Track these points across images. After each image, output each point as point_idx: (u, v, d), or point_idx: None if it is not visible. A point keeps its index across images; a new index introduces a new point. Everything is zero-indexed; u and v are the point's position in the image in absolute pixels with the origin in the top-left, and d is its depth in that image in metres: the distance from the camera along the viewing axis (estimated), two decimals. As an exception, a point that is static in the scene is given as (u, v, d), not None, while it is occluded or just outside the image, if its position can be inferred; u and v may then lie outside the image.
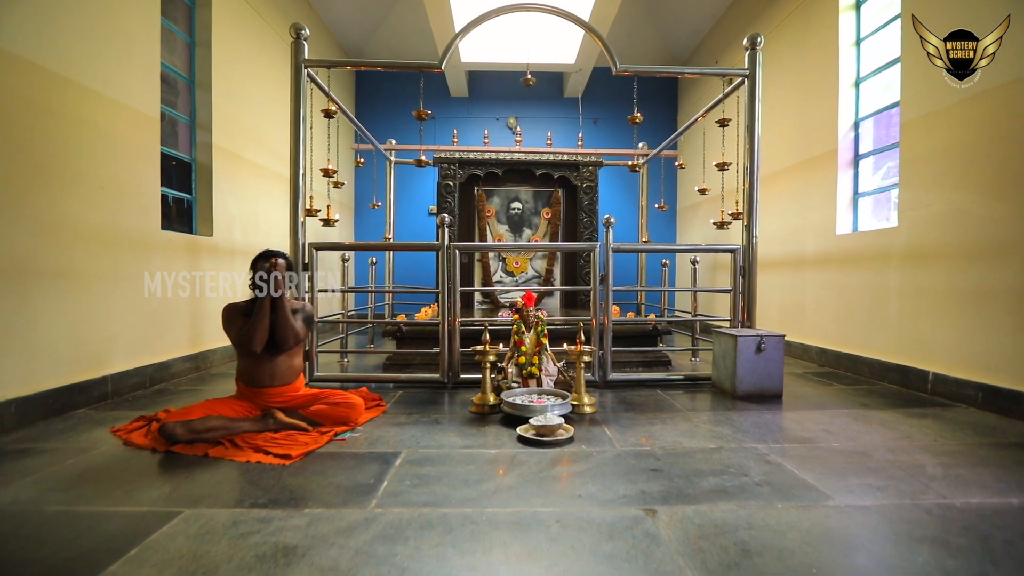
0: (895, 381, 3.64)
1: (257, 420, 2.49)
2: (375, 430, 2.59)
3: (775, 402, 3.20)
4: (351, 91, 8.21)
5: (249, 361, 2.56)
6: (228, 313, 2.57)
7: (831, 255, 4.39)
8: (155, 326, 3.56)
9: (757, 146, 3.67)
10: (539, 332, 3.30)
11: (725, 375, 3.40)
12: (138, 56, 3.41)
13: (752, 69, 3.66)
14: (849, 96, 4.34)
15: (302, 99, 3.55)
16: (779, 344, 3.30)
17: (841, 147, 4.34)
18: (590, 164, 6.11)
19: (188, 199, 4.19)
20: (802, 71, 4.84)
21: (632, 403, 3.17)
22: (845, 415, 2.88)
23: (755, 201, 3.69)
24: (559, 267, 6.19)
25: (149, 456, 2.19)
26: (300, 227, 3.56)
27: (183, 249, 3.87)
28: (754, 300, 3.72)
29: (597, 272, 3.62)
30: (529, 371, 3.21)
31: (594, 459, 2.17)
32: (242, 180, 4.68)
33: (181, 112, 4.16)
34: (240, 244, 4.60)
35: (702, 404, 3.15)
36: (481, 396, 3.00)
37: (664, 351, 4.40)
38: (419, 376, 3.66)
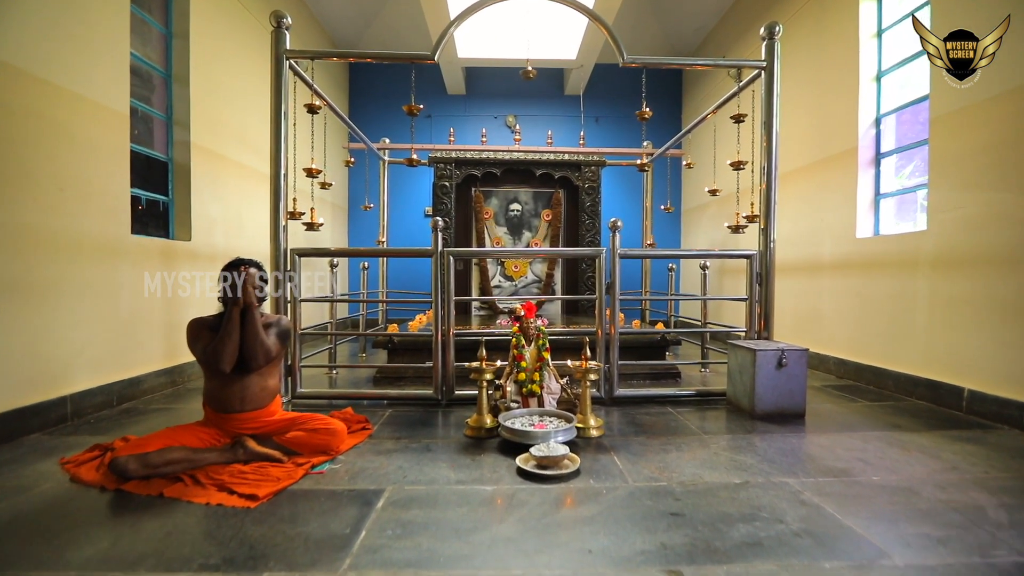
0: (924, 397, 3.37)
1: (225, 450, 2.22)
2: (358, 459, 2.32)
3: (798, 423, 2.93)
4: (344, 88, 7.94)
5: (216, 383, 2.29)
6: (194, 328, 2.31)
7: (850, 260, 4.12)
8: (125, 338, 3.29)
9: (775, 143, 3.40)
10: (540, 346, 3.03)
11: (742, 392, 3.14)
12: (104, 46, 3.13)
13: (770, 60, 3.39)
14: (870, 91, 4.07)
15: (284, 93, 3.28)
16: (802, 359, 3.03)
17: (861, 145, 4.08)
18: (592, 164, 5.84)
19: (164, 201, 3.92)
20: (818, 64, 4.57)
21: (642, 424, 2.91)
22: (878, 439, 2.62)
23: (773, 202, 3.42)
24: (560, 271, 5.92)
25: (96, 496, 1.92)
26: (282, 231, 3.30)
27: (157, 255, 3.60)
28: (772, 310, 3.45)
29: (602, 279, 3.35)
30: (529, 389, 2.94)
31: (605, 499, 1.90)
32: (224, 181, 4.41)
33: (156, 108, 3.89)
34: (222, 249, 4.32)
35: (718, 425, 2.89)
36: (477, 418, 2.73)
37: (674, 364, 4.13)
38: (411, 392, 3.39)
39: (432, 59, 3.35)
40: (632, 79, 8.10)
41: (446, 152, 5.67)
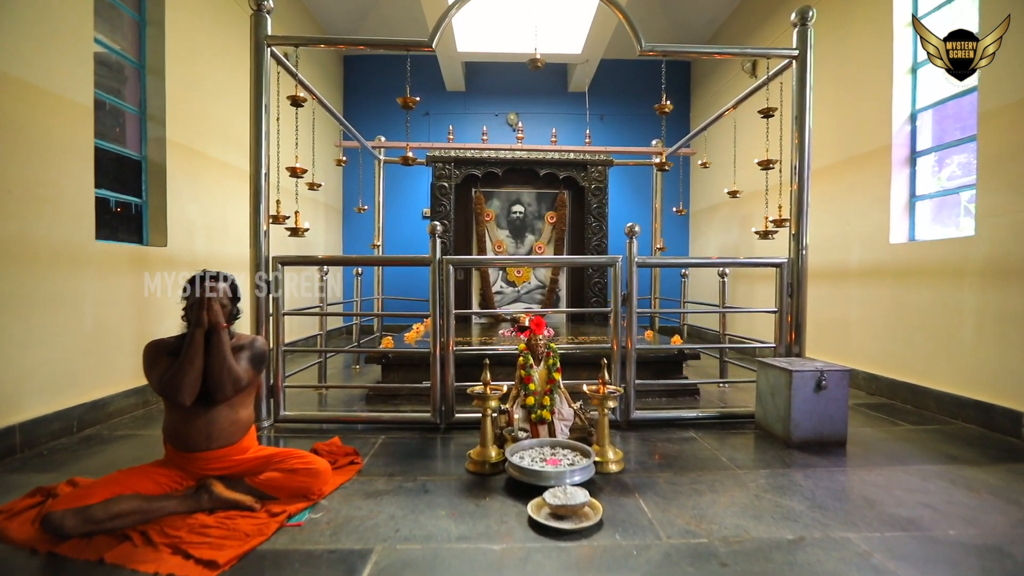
0: (973, 420, 3.06)
1: (187, 496, 1.89)
2: (344, 505, 1.99)
3: (839, 452, 2.61)
4: (339, 84, 7.61)
5: (178, 416, 1.96)
6: (150, 353, 1.99)
7: (883, 267, 3.81)
8: (88, 356, 2.96)
9: (808, 140, 3.09)
10: (551, 366, 2.71)
11: (775, 416, 2.82)
12: (63, 32, 2.81)
13: (802, 49, 3.08)
14: (905, 84, 3.76)
15: (264, 84, 2.96)
16: (843, 381, 2.71)
17: (895, 142, 3.76)
18: (599, 163, 5.52)
19: (138, 204, 3.59)
20: (845, 56, 4.25)
21: (666, 454, 2.59)
22: (937, 475, 2.30)
23: (805, 205, 3.11)
24: (565, 276, 5.61)
25: (24, 561, 1.59)
26: (263, 237, 2.97)
27: (127, 262, 3.27)
28: (804, 323, 3.13)
29: (618, 289, 3.03)
30: (539, 415, 2.61)
31: (636, 563, 1.58)
32: (206, 181, 4.08)
33: (129, 102, 3.56)
34: (203, 254, 4.00)
35: (751, 456, 2.57)
36: (480, 450, 2.41)
37: (694, 384, 3.81)
38: (406, 416, 3.07)
39: (430, 47, 3.03)
40: (639, 75, 7.79)
41: (445, 151, 5.36)
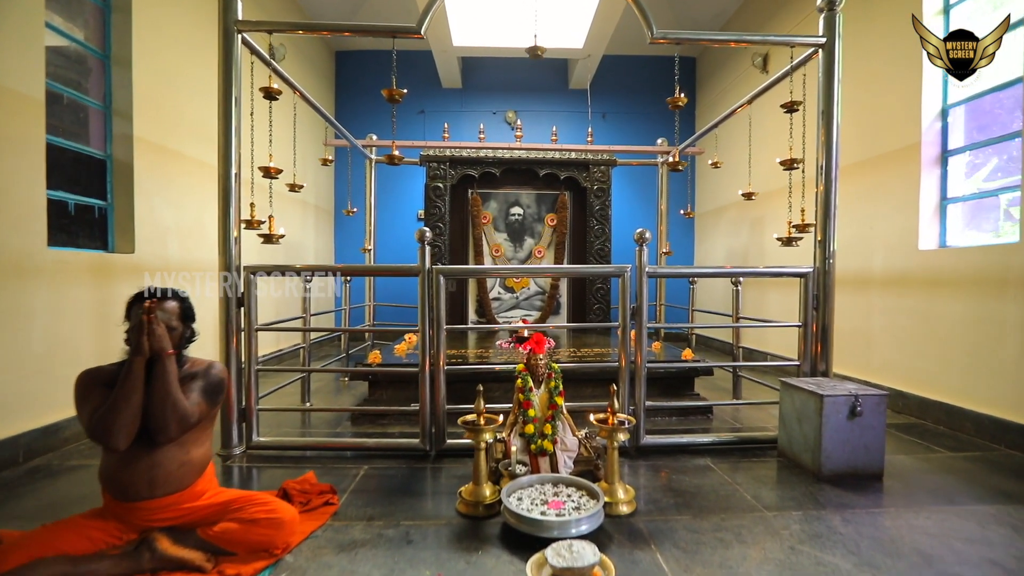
0: (1019, 446, 2.77)
1: (125, 555, 1.60)
2: (311, 562, 1.70)
3: (875, 487, 2.33)
4: (330, 81, 7.31)
5: (116, 459, 1.67)
6: (82, 384, 1.69)
7: (910, 275, 3.52)
8: (38, 377, 2.66)
9: (836, 137, 2.80)
10: (552, 389, 2.42)
11: (802, 444, 2.53)
12: (9, 18, 2.51)
13: (830, 36, 2.79)
14: (935, 77, 3.47)
15: (235, 74, 2.67)
16: (880, 407, 2.42)
17: (925, 140, 3.48)
18: (602, 163, 5.24)
19: (103, 207, 3.29)
20: (868, 47, 3.96)
21: (682, 491, 2.30)
22: (994, 519, 2.01)
23: (832, 208, 2.82)
24: (566, 281, 5.33)
25: (-92, 651, 1.30)
26: (232, 243, 2.68)
27: (86, 271, 2.97)
28: (831, 339, 2.85)
29: (628, 302, 2.74)
30: (540, 446, 2.32)
31: (660, 651, 1.29)
32: (181, 182, 3.78)
33: (92, 96, 3.26)
34: (177, 261, 3.70)
35: (779, 492, 2.28)
36: (473, 489, 2.12)
37: (708, 403, 3.53)
38: (392, 443, 2.78)
39: (418, 33, 2.73)
40: (642, 72, 7.50)
41: (439, 149, 5.07)
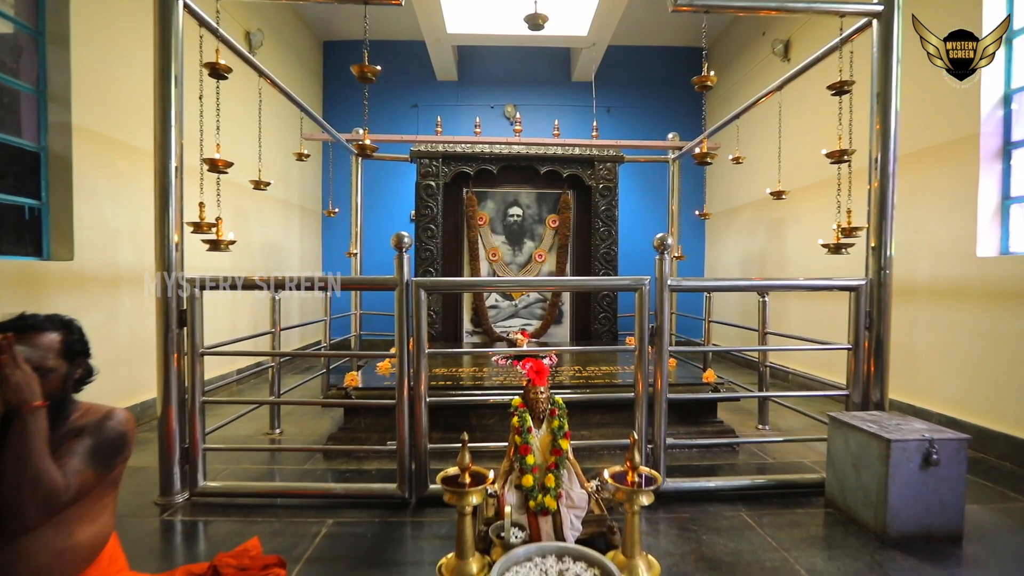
0: (1113, 494, 2.33)
1: None
2: None
3: (955, 554, 1.89)
4: (317, 73, 6.86)
5: (-35, 551, 1.23)
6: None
7: (966, 286, 3.07)
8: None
9: (894, 125, 2.37)
10: (556, 429, 1.97)
11: (860, 497, 2.08)
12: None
13: (888, 5, 2.35)
14: (996, 58, 3.02)
15: (174, 47, 2.23)
16: (960, 453, 1.97)
17: (984, 131, 3.03)
18: (609, 159, 4.79)
19: (36, 207, 2.85)
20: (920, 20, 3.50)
21: (718, 561, 1.85)
22: (1126, 610, 1.57)
23: (890, 208, 2.39)
24: (569, 288, 4.88)
25: None
26: (172, 251, 2.23)
27: (12, 282, 2.54)
28: (886, 365, 2.40)
29: (646, 321, 2.29)
30: (540, 503, 1.87)
31: None
32: (131, 178, 3.32)
33: (23, 80, 2.82)
34: (128, 269, 3.26)
35: (836, 564, 1.83)
36: (456, 563, 1.68)
37: (737, 440, 3.08)
38: (366, 487, 2.33)
39: (397, 0, 2.29)
40: (649, 63, 7.05)
41: (431, 145, 4.62)
